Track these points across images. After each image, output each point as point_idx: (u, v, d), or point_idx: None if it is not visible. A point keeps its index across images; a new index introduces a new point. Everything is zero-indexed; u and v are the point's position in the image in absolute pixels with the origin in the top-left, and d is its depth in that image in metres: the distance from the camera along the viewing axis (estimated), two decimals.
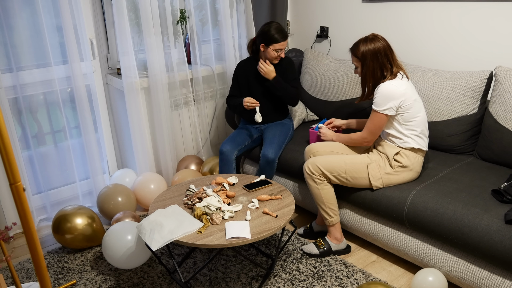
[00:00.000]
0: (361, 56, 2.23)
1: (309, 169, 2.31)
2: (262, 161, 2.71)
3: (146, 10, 2.83)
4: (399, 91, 2.17)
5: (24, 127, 2.74)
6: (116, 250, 2.24)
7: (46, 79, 2.75)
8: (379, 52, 2.20)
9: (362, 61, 2.23)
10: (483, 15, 2.57)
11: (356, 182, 2.28)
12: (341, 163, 2.28)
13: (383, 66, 2.22)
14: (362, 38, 2.25)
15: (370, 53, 2.20)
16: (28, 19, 2.64)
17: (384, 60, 2.21)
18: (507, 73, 2.33)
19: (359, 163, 2.28)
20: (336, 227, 2.40)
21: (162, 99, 3.04)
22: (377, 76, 2.23)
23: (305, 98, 3.29)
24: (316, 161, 2.30)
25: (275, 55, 2.73)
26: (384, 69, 2.22)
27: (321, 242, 2.42)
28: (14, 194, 1.16)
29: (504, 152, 2.33)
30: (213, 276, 2.30)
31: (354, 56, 2.27)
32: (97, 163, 2.95)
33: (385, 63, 2.21)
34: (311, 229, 2.62)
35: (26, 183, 2.74)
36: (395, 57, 2.26)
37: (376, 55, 2.20)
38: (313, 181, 2.32)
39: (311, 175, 2.31)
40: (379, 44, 2.20)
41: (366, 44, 2.21)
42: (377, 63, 2.21)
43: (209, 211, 2.07)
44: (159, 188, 2.92)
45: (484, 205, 1.99)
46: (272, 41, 2.70)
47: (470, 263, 1.99)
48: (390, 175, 2.26)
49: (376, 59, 2.20)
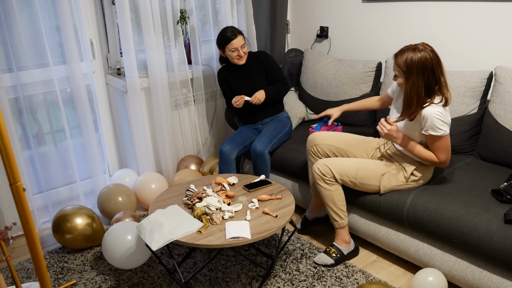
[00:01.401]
0: (405, 66, 2.03)
1: (319, 171, 2.25)
2: (252, 154, 2.73)
3: (146, 10, 2.83)
4: (448, 116, 2.06)
5: (24, 127, 2.74)
6: (116, 250, 2.24)
7: (46, 79, 2.75)
8: (427, 66, 2.00)
9: (407, 73, 2.04)
10: (483, 15, 2.57)
11: (364, 187, 2.26)
12: (353, 167, 2.23)
13: (429, 84, 2.03)
14: (410, 45, 2.06)
15: (415, 64, 2.00)
16: (28, 19, 2.64)
17: (430, 76, 2.01)
18: (507, 73, 2.33)
19: (373, 171, 2.23)
20: (345, 229, 2.35)
21: (162, 99, 3.05)
22: (420, 94, 2.04)
23: (305, 98, 3.29)
24: (327, 163, 2.24)
25: (234, 55, 2.74)
26: (430, 88, 2.04)
27: (332, 249, 2.35)
28: (14, 194, 1.16)
29: (504, 152, 2.33)
30: (213, 276, 2.30)
31: (397, 64, 2.08)
32: (98, 163, 2.95)
33: (431, 80, 2.02)
34: (306, 219, 2.63)
35: (26, 183, 2.74)
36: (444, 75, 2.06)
37: (422, 69, 2.00)
38: (324, 182, 2.25)
39: (322, 176, 2.24)
40: (429, 57, 2.00)
41: (413, 53, 2.01)
42: (422, 78, 2.01)
43: (209, 211, 2.07)
44: (160, 188, 2.92)
45: (484, 205, 1.99)
46: (224, 43, 2.74)
47: (470, 263, 2.00)
48: (400, 185, 2.24)
49: (422, 74, 2.01)
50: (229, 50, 2.74)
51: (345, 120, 3.08)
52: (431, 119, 2.02)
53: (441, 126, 2.04)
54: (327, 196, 2.28)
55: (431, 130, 2.05)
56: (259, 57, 2.87)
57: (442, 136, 2.07)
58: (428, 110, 2.03)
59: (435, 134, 2.06)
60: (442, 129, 2.05)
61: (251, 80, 2.85)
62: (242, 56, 2.76)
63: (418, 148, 2.15)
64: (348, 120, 3.08)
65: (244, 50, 2.77)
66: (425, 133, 2.08)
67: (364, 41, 3.26)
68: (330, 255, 2.34)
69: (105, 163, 3.20)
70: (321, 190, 2.29)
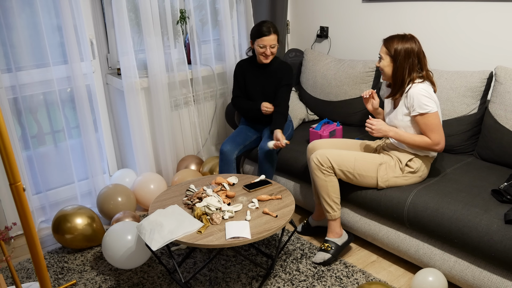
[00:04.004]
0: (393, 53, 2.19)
1: (317, 160, 2.26)
2: (260, 154, 2.72)
3: (146, 10, 2.83)
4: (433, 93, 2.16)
5: (24, 127, 2.74)
6: (116, 250, 2.24)
7: (46, 79, 2.75)
8: (412, 52, 2.16)
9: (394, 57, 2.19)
10: (483, 15, 2.57)
11: (362, 180, 2.27)
12: (351, 158, 2.26)
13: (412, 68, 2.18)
14: (399, 34, 2.22)
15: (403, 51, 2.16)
16: (28, 19, 2.64)
17: (415, 61, 2.17)
18: (507, 73, 2.33)
19: (370, 162, 2.26)
20: (337, 222, 2.37)
21: (162, 99, 3.04)
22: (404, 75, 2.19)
23: (305, 98, 3.29)
24: (326, 153, 2.26)
25: (260, 51, 2.72)
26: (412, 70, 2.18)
27: (326, 244, 2.36)
28: (14, 194, 1.16)
29: (504, 152, 2.33)
30: (213, 276, 2.30)
31: (385, 48, 2.22)
32: (97, 163, 2.95)
33: (415, 64, 2.18)
34: (308, 224, 2.62)
35: (26, 183, 2.74)
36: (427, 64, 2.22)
37: (409, 54, 2.16)
38: (321, 172, 2.26)
39: (319, 166, 2.26)
40: (414, 46, 2.17)
41: (402, 41, 2.17)
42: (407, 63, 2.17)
43: (209, 211, 2.07)
44: (159, 188, 2.92)
45: (484, 205, 1.99)
46: (255, 36, 2.71)
47: (470, 263, 1.99)
48: (397, 178, 2.25)
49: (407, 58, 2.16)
50: (258, 45, 2.71)
51: (345, 120, 3.08)
52: (417, 96, 2.13)
53: (427, 102, 2.12)
54: (322, 186, 2.29)
55: (418, 108, 2.13)
56: (282, 67, 2.83)
57: (430, 114, 2.13)
58: (412, 90, 2.15)
59: (423, 111, 2.12)
60: (428, 105, 2.12)
61: (265, 84, 2.83)
62: (268, 55, 2.72)
63: (410, 135, 2.21)
64: (347, 121, 3.08)
65: (272, 51, 2.72)
66: (414, 114, 2.15)
67: (364, 41, 3.26)
68: (326, 250, 2.34)
69: (104, 163, 3.20)
70: (316, 180, 2.30)
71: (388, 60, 2.21)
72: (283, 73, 2.81)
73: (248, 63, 2.88)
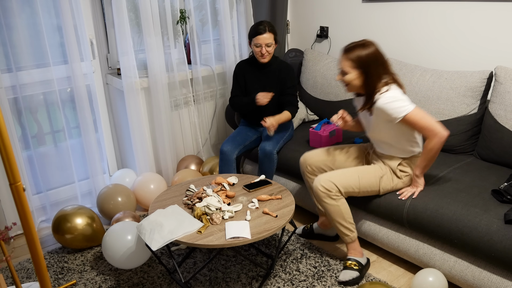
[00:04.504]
0: (359, 63, 2.07)
1: (323, 188, 2.15)
2: (261, 154, 2.72)
3: (146, 10, 2.83)
4: (399, 94, 2.07)
5: (24, 127, 2.74)
6: (116, 250, 2.24)
7: (46, 79, 2.75)
8: (376, 58, 2.07)
9: (361, 67, 2.07)
10: (483, 15, 2.57)
11: (365, 193, 2.24)
12: (354, 176, 2.18)
13: (381, 72, 2.09)
14: (356, 42, 2.10)
15: (369, 58, 2.06)
16: (28, 19, 2.64)
17: (380, 66, 2.08)
18: (507, 73, 2.33)
19: (372, 176, 2.21)
20: (357, 242, 2.28)
21: (162, 99, 3.04)
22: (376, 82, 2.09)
23: (305, 98, 3.29)
24: (330, 178, 2.17)
25: (256, 50, 2.71)
26: (381, 75, 2.09)
27: (351, 263, 2.24)
28: (14, 194, 1.16)
29: (504, 152, 2.33)
30: (213, 276, 2.30)
31: (349, 61, 2.09)
32: (97, 163, 2.95)
33: (381, 70, 2.09)
34: (311, 230, 2.60)
35: (26, 183, 2.74)
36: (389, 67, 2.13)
37: (376, 61, 2.07)
38: (330, 198, 2.16)
39: (327, 192, 2.15)
40: (376, 50, 2.07)
41: (364, 48, 2.06)
42: (375, 69, 2.07)
43: (209, 211, 2.07)
44: (159, 188, 2.92)
45: (484, 205, 1.99)
46: (251, 35, 2.71)
47: (470, 263, 2.00)
48: (398, 184, 2.24)
49: (375, 64, 2.07)
50: (254, 44, 2.71)
51: None
52: (385, 108, 2.05)
53: (399, 106, 2.03)
54: (335, 212, 2.19)
55: (396, 115, 2.04)
56: (282, 67, 2.81)
57: (410, 113, 2.04)
58: (378, 105, 2.07)
59: (405, 114, 2.03)
60: (402, 106, 2.04)
61: (265, 84, 2.82)
62: (264, 54, 2.70)
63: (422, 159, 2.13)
64: None
65: (268, 49, 2.70)
66: (399, 120, 2.06)
67: None
68: (352, 268, 2.23)
69: (104, 163, 3.20)
70: (327, 207, 2.19)
71: (355, 73, 2.09)
72: (286, 75, 2.81)
73: (248, 63, 2.88)
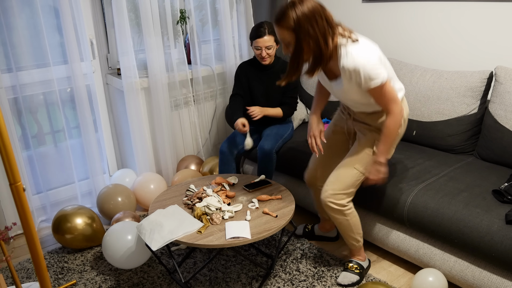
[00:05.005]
0: (295, 25, 1.70)
1: (334, 203, 2.04)
2: (259, 154, 2.72)
3: (146, 10, 2.83)
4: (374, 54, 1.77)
5: (24, 127, 2.74)
6: (116, 250, 2.24)
7: (46, 79, 2.75)
8: (317, 13, 1.70)
9: (298, 31, 1.71)
10: (484, 15, 2.57)
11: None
12: (353, 171, 2.05)
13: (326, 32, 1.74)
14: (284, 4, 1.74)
15: (306, 17, 1.69)
16: (28, 19, 2.64)
17: (324, 23, 1.73)
18: (507, 73, 2.33)
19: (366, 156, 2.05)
20: (362, 247, 2.26)
21: (162, 99, 3.04)
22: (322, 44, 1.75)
23: (305, 98, 3.29)
24: (335, 189, 2.04)
25: (257, 52, 2.71)
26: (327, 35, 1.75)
27: (352, 266, 2.22)
28: (14, 194, 1.16)
29: (504, 152, 2.33)
30: (213, 276, 2.30)
31: (284, 30, 1.74)
32: (97, 163, 2.95)
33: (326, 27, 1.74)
34: (312, 231, 2.58)
35: (26, 183, 2.74)
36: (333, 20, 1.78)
37: (315, 18, 1.70)
38: (342, 214, 2.06)
39: (340, 208, 2.05)
40: (314, 4, 1.70)
41: (296, 8, 1.70)
42: (318, 28, 1.71)
43: (209, 211, 2.07)
44: (159, 188, 2.92)
45: (485, 205, 1.99)
46: (252, 38, 2.70)
47: (470, 263, 1.99)
48: None
49: (316, 23, 1.70)
50: (254, 46, 2.70)
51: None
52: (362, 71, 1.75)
53: (375, 72, 1.76)
54: (347, 226, 2.13)
55: (368, 84, 1.78)
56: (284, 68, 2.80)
57: (384, 83, 1.79)
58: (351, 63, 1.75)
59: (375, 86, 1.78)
60: (378, 73, 1.76)
61: (268, 85, 2.82)
62: (264, 56, 2.69)
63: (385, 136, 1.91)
64: None
65: (269, 52, 2.68)
66: (368, 88, 1.80)
67: None
68: (352, 271, 2.20)
69: (104, 163, 3.20)
70: (340, 222, 2.11)
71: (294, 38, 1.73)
72: (282, 70, 2.81)
73: (250, 65, 2.88)
